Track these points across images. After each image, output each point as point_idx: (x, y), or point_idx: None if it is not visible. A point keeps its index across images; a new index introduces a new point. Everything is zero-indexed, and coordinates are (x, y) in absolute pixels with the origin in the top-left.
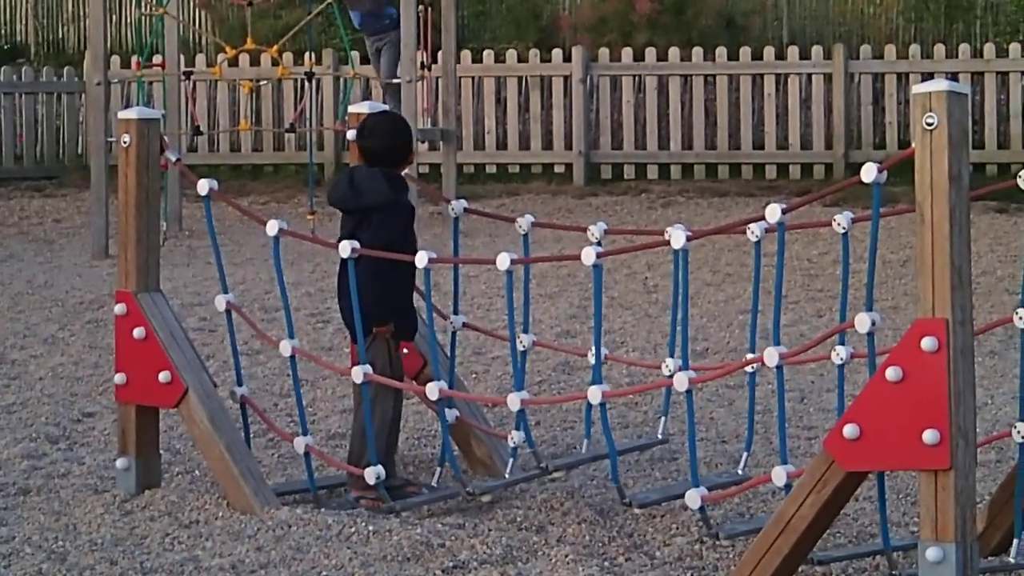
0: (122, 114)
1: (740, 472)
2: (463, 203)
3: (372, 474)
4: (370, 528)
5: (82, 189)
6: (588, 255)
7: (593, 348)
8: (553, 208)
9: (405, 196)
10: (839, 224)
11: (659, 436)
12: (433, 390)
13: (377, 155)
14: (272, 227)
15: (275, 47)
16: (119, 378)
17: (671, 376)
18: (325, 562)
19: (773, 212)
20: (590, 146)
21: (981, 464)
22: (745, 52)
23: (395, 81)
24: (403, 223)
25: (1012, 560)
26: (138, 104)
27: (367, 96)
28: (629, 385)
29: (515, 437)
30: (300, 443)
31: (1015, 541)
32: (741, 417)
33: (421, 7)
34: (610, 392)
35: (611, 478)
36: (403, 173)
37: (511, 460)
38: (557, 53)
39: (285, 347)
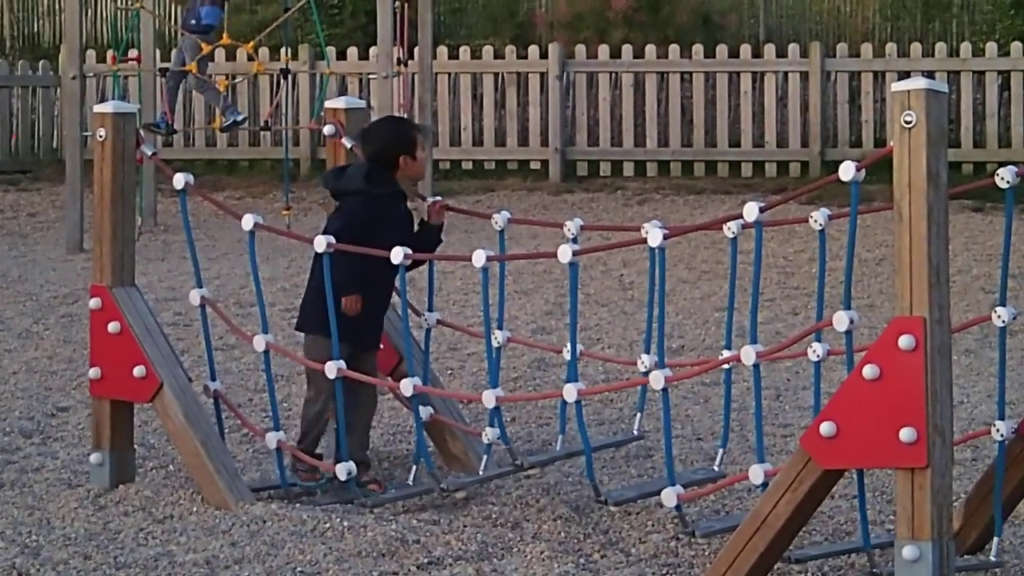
0: (98, 108)
1: (716, 469)
2: (439, 199)
3: (344, 470)
4: (345, 524)
5: (57, 183)
6: (565, 253)
7: (569, 345)
8: (529, 204)
9: (383, 190)
10: (816, 221)
11: (634, 433)
12: (407, 387)
13: (372, 159)
14: (248, 221)
15: (251, 43)
16: (93, 372)
17: (647, 373)
18: (300, 558)
19: (751, 210)
20: (566, 143)
21: (957, 463)
22: (722, 50)
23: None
24: (371, 211)
25: (992, 559)
26: (113, 98)
27: (343, 93)
28: (605, 381)
29: (489, 434)
30: (272, 439)
31: (995, 539)
32: (716, 414)
33: (397, 3)
34: (586, 390)
35: (586, 475)
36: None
37: (485, 457)
38: (534, 50)
39: (259, 342)
